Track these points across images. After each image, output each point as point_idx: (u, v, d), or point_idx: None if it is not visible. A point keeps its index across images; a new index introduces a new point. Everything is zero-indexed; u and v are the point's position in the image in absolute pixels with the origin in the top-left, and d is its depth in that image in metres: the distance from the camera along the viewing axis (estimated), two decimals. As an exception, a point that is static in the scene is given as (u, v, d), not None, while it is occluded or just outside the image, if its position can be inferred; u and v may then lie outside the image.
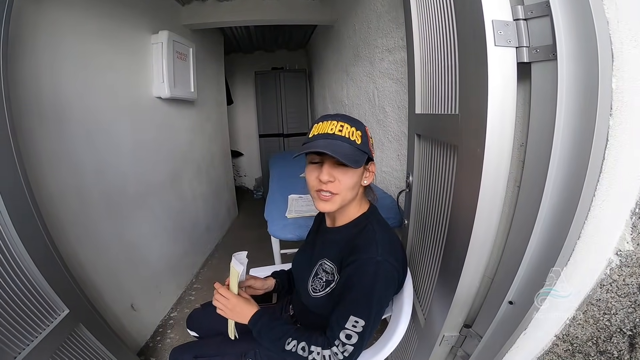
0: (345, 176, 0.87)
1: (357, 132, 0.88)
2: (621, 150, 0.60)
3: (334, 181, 0.87)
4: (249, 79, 5.33)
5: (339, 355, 0.85)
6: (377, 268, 0.85)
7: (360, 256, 0.86)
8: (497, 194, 0.75)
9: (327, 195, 0.88)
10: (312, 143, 0.86)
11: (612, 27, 0.57)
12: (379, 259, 0.85)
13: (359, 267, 0.86)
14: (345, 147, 0.84)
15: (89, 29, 1.63)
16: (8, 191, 0.97)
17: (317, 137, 0.87)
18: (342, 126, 0.87)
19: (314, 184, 0.90)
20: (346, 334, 0.84)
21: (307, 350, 0.88)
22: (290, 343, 0.90)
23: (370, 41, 2.10)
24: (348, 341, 0.84)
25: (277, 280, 1.26)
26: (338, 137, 0.85)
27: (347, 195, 0.90)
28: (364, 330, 0.84)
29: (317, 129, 0.89)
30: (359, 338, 0.84)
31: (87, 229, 1.57)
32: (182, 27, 2.81)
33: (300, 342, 0.89)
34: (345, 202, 0.91)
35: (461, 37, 0.79)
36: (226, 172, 4.12)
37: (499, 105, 0.68)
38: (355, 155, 0.85)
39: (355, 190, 0.92)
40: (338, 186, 0.87)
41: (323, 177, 0.86)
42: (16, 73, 1.19)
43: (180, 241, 2.64)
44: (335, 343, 0.86)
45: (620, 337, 0.68)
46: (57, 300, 1.14)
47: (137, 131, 2.05)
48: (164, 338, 2.10)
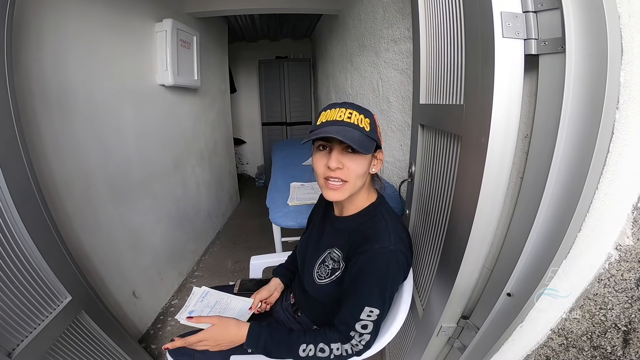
0: (354, 163, 0.86)
1: (366, 119, 0.87)
2: (626, 144, 0.59)
3: (343, 168, 0.86)
4: (253, 68, 5.31)
5: (359, 345, 0.86)
6: (390, 257, 0.85)
7: (372, 246, 0.86)
8: (499, 185, 0.75)
9: (337, 183, 0.87)
10: (321, 129, 0.85)
11: (624, 22, 0.56)
12: (392, 248, 0.85)
13: (372, 257, 0.85)
14: (355, 134, 0.83)
15: (93, 16, 1.62)
16: (13, 178, 0.97)
17: (325, 124, 0.86)
18: (350, 113, 0.86)
19: (322, 172, 0.89)
20: (362, 324, 0.85)
21: (328, 349, 0.86)
22: (305, 349, 0.86)
23: (376, 31, 2.09)
24: (365, 330, 0.85)
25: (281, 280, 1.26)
26: (347, 123, 0.84)
27: (357, 183, 0.89)
28: (379, 319, 0.85)
29: (326, 116, 0.88)
30: (374, 326, 0.85)
31: (90, 216, 1.58)
32: (186, 15, 2.78)
33: (318, 344, 0.86)
34: (355, 191, 0.90)
35: (468, 28, 0.78)
36: (229, 159, 4.13)
37: (505, 96, 0.68)
38: (365, 141, 0.84)
39: (363, 179, 0.91)
40: (347, 173, 0.86)
41: (332, 163, 0.85)
42: (20, 61, 1.19)
43: (182, 228, 2.67)
44: (352, 335, 0.86)
45: (614, 332, 0.68)
46: (60, 287, 1.15)
47: (141, 118, 2.05)
48: (165, 325, 2.13)
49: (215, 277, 2.68)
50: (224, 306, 1.17)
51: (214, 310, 1.14)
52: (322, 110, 0.91)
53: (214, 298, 1.19)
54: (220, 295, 1.20)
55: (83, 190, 1.53)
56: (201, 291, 1.20)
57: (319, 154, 0.90)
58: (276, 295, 1.24)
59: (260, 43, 5.39)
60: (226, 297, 1.20)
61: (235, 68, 5.25)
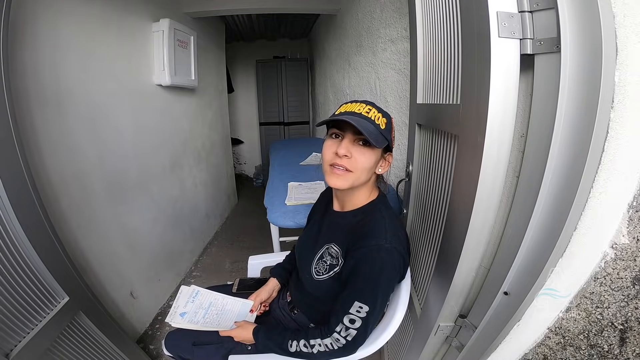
0: (362, 156, 0.87)
1: (383, 118, 0.89)
2: (621, 143, 0.60)
3: (350, 158, 0.86)
4: (251, 68, 5.31)
5: (341, 340, 0.87)
6: (385, 255, 0.86)
7: (368, 242, 0.87)
8: (496, 184, 0.75)
9: (341, 170, 0.88)
10: (339, 115, 0.86)
11: (618, 21, 0.57)
12: (387, 246, 0.86)
13: (367, 254, 0.86)
14: (370, 127, 0.84)
15: (90, 16, 1.61)
16: (9, 178, 0.97)
17: (343, 114, 0.88)
18: (369, 109, 0.88)
19: (329, 157, 0.90)
20: (350, 318, 0.86)
21: (309, 345, 0.91)
22: (292, 345, 0.93)
23: (373, 31, 2.09)
24: (351, 325, 0.86)
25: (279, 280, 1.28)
26: (365, 117, 0.86)
27: (361, 176, 0.89)
28: (368, 317, 0.85)
29: (345, 108, 0.90)
30: (362, 323, 0.86)
31: (87, 216, 1.57)
32: (183, 14, 2.78)
33: (300, 340, 0.92)
34: (357, 184, 0.91)
35: (465, 27, 0.79)
36: (226, 159, 4.12)
37: (501, 96, 0.68)
38: (377, 135, 0.85)
39: (368, 175, 0.91)
40: (354, 163, 0.87)
41: (341, 150, 0.85)
42: (16, 60, 1.19)
43: (180, 228, 2.66)
44: (337, 329, 0.87)
45: (611, 331, 0.68)
46: (58, 287, 1.14)
47: (138, 118, 2.05)
48: (163, 326, 2.12)
49: (213, 277, 2.68)
50: (220, 308, 1.15)
51: (210, 313, 1.12)
52: (342, 104, 0.93)
53: (207, 299, 1.17)
54: (215, 296, 1.18)
55: (80, 190, 1.53)
56: (190, 290, 1.17)
57: (330, 141, 0.91)
58: (274, 296, 1.24)
59: (258, 43, 5.38)
60: (221, 299, 1.18)
61: (233, 68, 5.24)
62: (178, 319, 1.07)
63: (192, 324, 1.07)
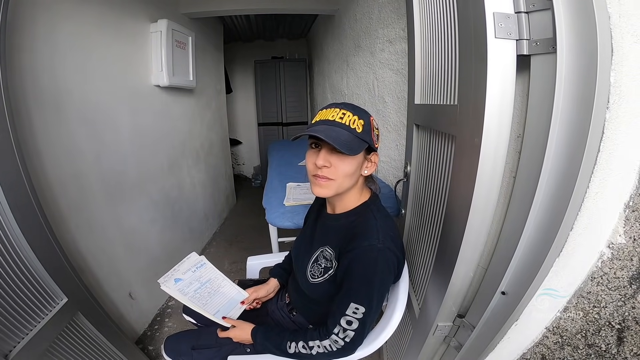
0: (342, 163, 0.87)
1: (360, 120, 0.87)
2: (617, 143, 0.60)
3: (330, 167, 0.87)
4: (249, 68, 5.30)
5: (340, 342, 0.88)
6: (378, 255, 0.86)
7: (361, 243, 0.87)
8: (493, 184, 0.75)
9: (324, 180, 0.88)
10: (311, 128, 0.86)
11: (614, 22, 0.57)
12: (380, 246, 0.86)
13: (359, 255, 0.87)
14: (343, 134, 0.84)
15: (88, 17, 1.61)
16: (7, 179, 0.97)
17: (318, 123, 0.88)
18: (343, 114, 0.87)
19: (311, 168, 0.91)
20: (347, 320, 0.86)
21: (307, 347, 0.92)
22: (290, 346, 0.94)
23: (372, 31, 2.09)
24: (349, 327, 0.86)
25: (278, 280, 1.28)
26: (338, 124, 0.85)
27: (344, 182, 0.89)
28: (365, 317, 0.86)
29: (320, 115, 0.90)
30: (359, 324, 0.86)
31: (85, 216, 1.57)
32: (181, 15, 2.77)
33: (299, 342, 0.93)
34: (342, 190, 0.91)
35: (462, 28, 0.79)
36: (225, 160, 4.12)
37: (498, 96, 0.68)
38: (352, 142, 0.84)
39: (353, 179, 0.91)
40: (334, 172, 0.87)
41: (319, 161, 0.86)
42: (14, 61, 1.18)
43: (178, 229, 2.66)
44: (335, 331, 0.88)
45: (608, 330, 0.69)
46: (56, 288, 1.14)
47: (136, 119, 2.04)
48: (162, 327, 2.12)
49: (212, 278, 2.66)
50: (215, 288, 1.15)
51: (203, 288, 1.12)
52: (319, 109, 0.93)
53: (207, 275, 1.16)
54: (215, 275, 1.19)
55: (78, 191, 1.53)
56: (197, 260, 1.17)
57: (310, 151, 0.92)
58: (271, 296, 1.24)
59: (256, 43, 5.38)
60: (220, 279, 1.18)
61: (231, 68, 5.24)
62: (171, 283, 1.06)
63: (181, 293, 1.06)
